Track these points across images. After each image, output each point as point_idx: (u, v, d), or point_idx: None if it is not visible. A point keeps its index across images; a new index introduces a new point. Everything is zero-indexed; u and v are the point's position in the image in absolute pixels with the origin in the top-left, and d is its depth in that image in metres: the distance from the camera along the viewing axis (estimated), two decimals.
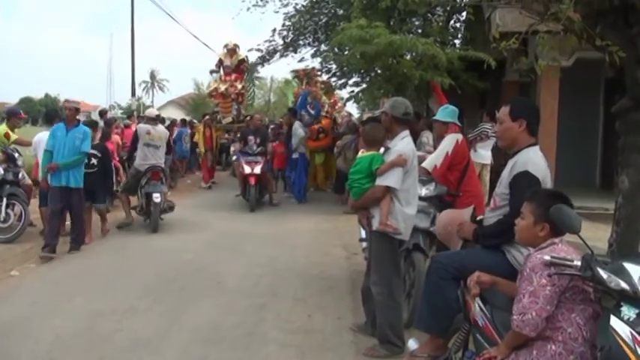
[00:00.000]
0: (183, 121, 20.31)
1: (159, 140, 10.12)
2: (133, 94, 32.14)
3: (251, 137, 12.72)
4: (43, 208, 8.59)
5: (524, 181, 3.64)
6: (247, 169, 12.08)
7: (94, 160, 8.83)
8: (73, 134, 7.93)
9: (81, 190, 8.12)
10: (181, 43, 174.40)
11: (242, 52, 16.53)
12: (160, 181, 9.88)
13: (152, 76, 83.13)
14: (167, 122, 18.00)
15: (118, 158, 11.90)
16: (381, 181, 4.60)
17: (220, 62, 15.69)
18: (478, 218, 4.34)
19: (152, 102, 73.80)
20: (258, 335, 5.15)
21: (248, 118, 16.88)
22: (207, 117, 17.11)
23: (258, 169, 12.08)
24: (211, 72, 16.21)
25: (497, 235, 3.78)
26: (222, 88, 15.19)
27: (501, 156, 7.80)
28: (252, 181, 12.05)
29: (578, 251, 2.90)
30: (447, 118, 6.10)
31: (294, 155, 13.54)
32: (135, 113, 24.34)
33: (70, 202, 8.01)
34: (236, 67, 15.50)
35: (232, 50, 15.71)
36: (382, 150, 4.81)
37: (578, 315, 2.80)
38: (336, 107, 18.20)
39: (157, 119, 10.97)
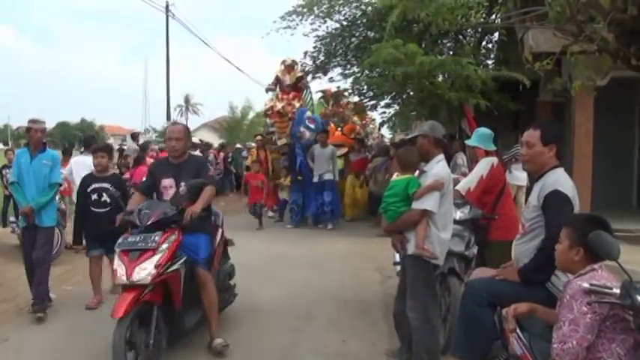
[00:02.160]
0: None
1: None
2: (169, 117, 32.69)
3: (167, 180, 5.43)
4: None
5: (556, 200, 3.65)
6: (121, 276, 4.58)
7: (105, 197, 6.75)
8: (38, 161, 6.47)
9: (52, 230, 6.75)
10: (215, 68, 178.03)
11: (300, 70, 15.48)
12: None
13: (186, 100, 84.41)
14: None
15: None
16: (418, 205, 4.56)
17: (277, 79, 14.57)
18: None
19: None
20: (292, 359, 5.14)
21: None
22: (258, 137, 15.76)
23: (145, 275, 4.53)
24: (267, 90, 15.10)
25: (542, 265, 3.61)
26: (279, 106, 13.97)
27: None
28: (119, 312, 4.39)
29: (619, 277, 2.84)
30: (475, 142, 6.05)
31: (317, 179, 12.84)
32: None
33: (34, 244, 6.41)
34: (294, 84, 14.41)
35: (290, 67, 14.57)
36: (417, 173, 4.81)
37: (619, 345, 2.74)
38: (367, 128, 18.02)
39: (193, 146, 11.55)
